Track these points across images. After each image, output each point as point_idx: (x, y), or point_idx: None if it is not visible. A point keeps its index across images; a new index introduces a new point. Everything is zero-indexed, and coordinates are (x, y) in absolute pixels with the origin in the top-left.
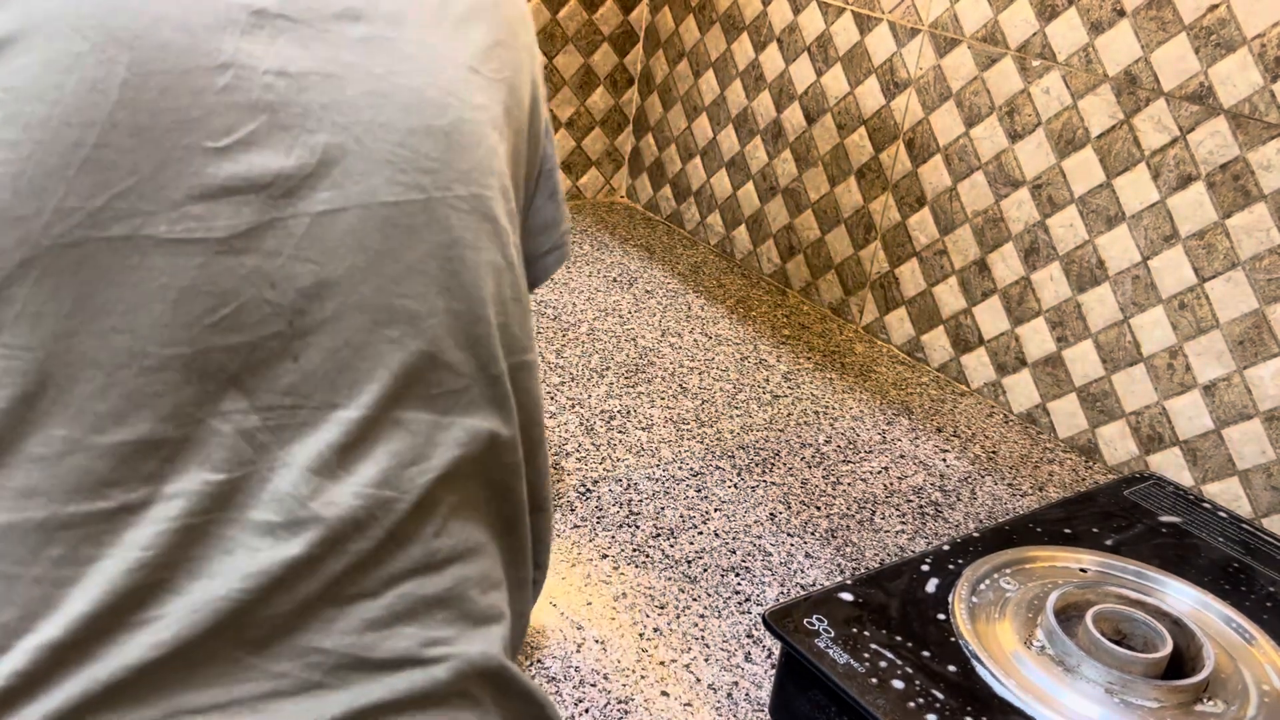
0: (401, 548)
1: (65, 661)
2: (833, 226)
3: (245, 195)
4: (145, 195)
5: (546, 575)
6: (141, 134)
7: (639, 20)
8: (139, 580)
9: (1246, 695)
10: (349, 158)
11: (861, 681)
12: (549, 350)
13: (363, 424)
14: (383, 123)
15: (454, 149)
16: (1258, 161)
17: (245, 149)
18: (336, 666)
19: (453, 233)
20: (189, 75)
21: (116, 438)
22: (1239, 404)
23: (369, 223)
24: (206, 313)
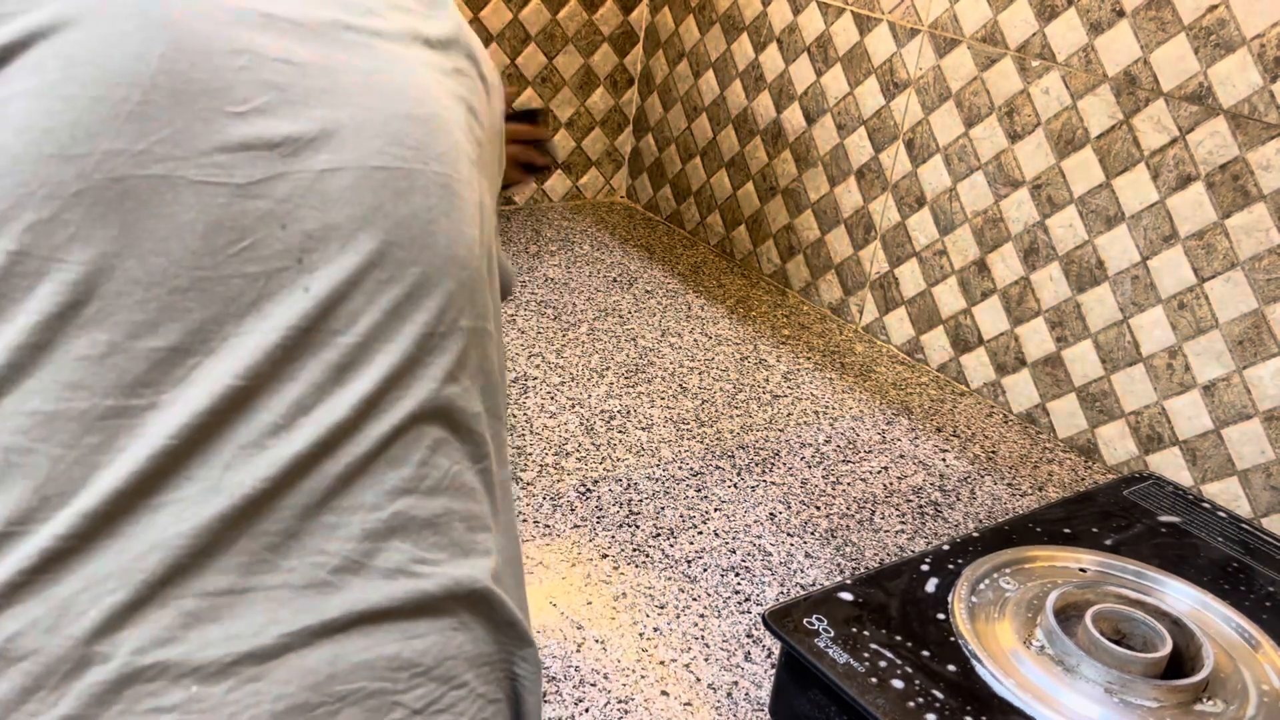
0: (392, 466)
1: (99, 532)
2: (833, 226)
3: (260, 151)
4: (179, 144)
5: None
6: (176, 96)
7: (639, 20)
8: (162, 465)
9: (1246, 695)
10: (344, 130)
11: (861, 681)
12: (549, 350)
13: (357, 349)
14: (371, 106)
15: (430, 134)
16: (1257, 161)
17: (259, 115)
18: (338, 569)
19: (429, 199)
20: (213, 55)
21: (151, 344)
22: (1238, 404)
23: (363, 182)
24: (229, 244)
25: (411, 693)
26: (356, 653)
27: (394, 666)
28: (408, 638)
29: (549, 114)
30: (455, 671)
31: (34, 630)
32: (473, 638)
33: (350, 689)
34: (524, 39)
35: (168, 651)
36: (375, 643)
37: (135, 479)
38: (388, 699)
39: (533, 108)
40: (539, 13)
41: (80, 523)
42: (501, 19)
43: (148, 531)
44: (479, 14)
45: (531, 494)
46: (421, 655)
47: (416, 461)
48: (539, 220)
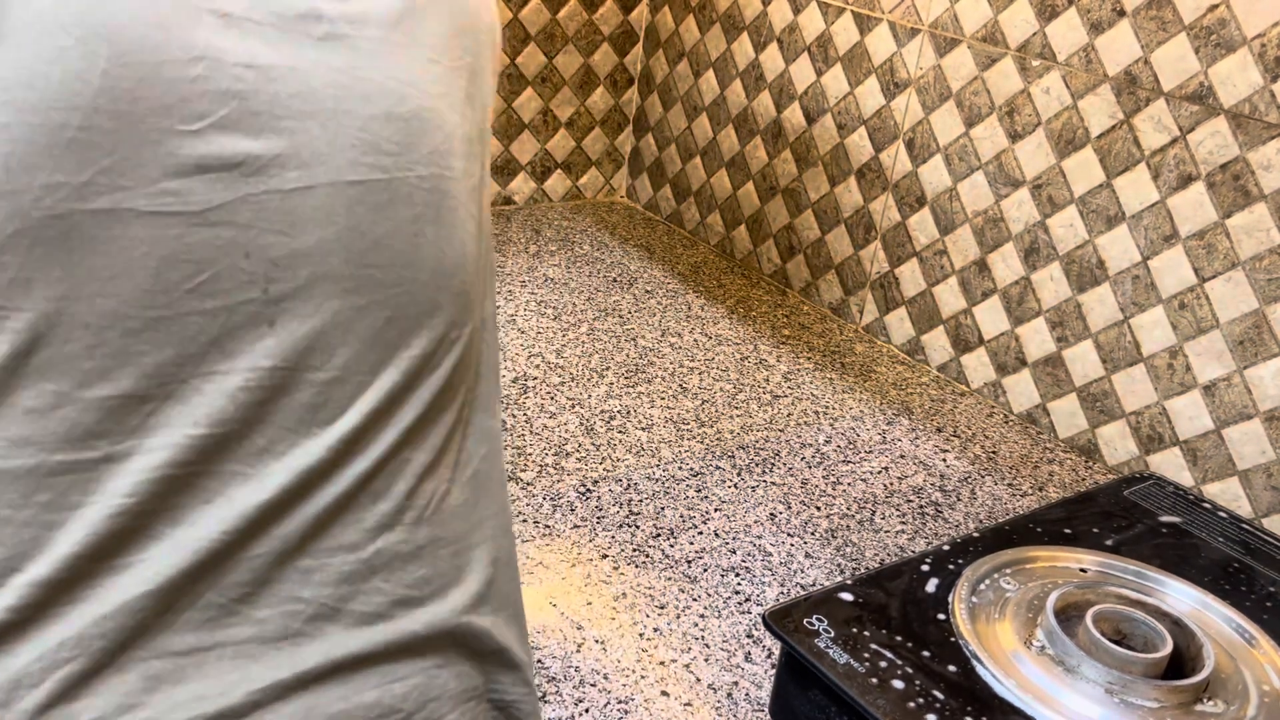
0: (374, 501)
1: (54, 600)
2: (833, 226)
3: (218, 173)
4: (125, 172)
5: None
6: (121, 118)
7: (639, 20)
8: (121, 525)
9: (1246, 695)
10: (315, 142)
11: (861, 681)
12: (549, 350)
13: (333, 385)
14: (345, 110)
15: (413, 134)
16: (1258, 161)
17: (217, 132)
18: (314, 616)
19: (414, 209)
20: (164, 66)
21: (103, 392)
22: (1239, 404)
23: (336, 200)
24: (185, 279)
25: None
26: (332, 703)
27: (373, 715)
28: (388, 682)
29: None
30: (439, 713)
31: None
32: (456, 674)
33: None
34: (524, 39)
35: (131, 717)
36: (352, 691)
37: (92, 541)
38: None
39: None
40: (539, 13)
41: (33, 592)
42: (501, 19)
43: (108, 594)
44: None
45: (531, 494)
46: (402, 700)
47: (401, 493)
48: (539, 220)
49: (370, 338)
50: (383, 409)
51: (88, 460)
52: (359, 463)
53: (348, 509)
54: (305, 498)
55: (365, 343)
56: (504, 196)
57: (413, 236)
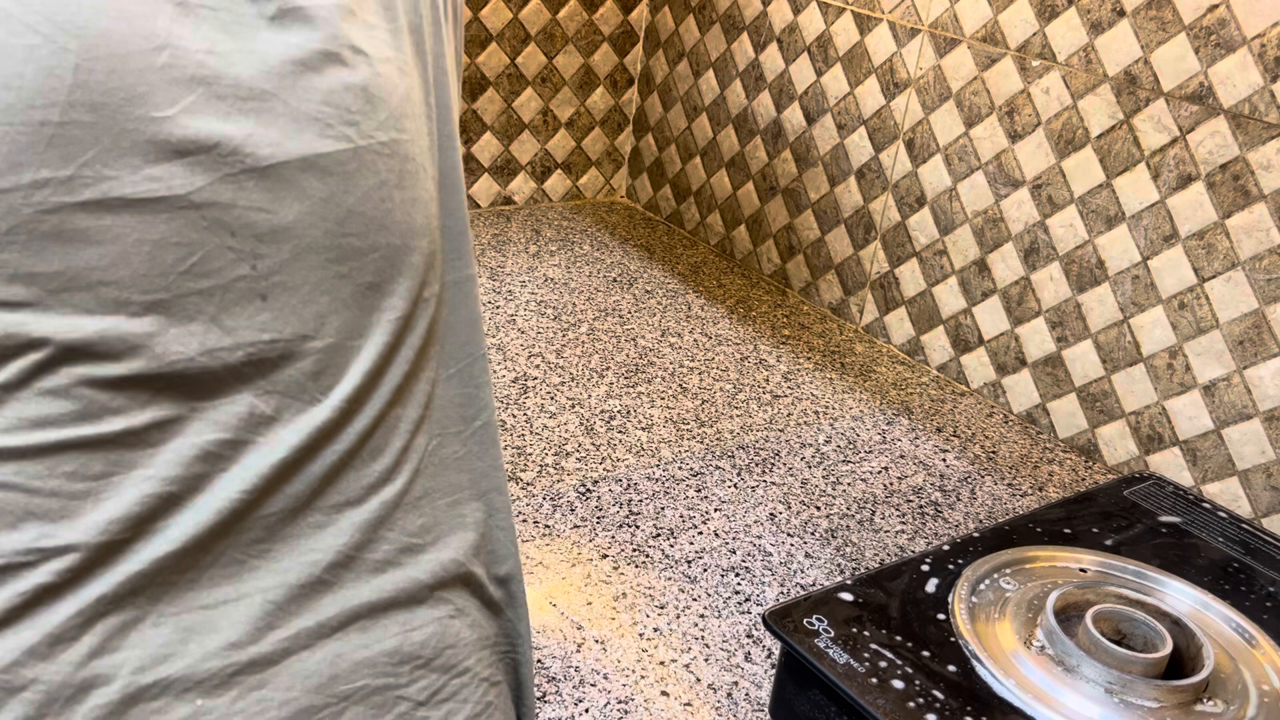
0: (373, 458)
1: (90, 563)
2: (833, 226)
3: (196, 156)
4: (109, 162)
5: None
6: (97, 110)
7: (639, 20)
8: (148, 496)
9: (1246, 695)
10: (281, 119)
11: (861, 681)
12: (549, 350)
13: (329, 351)
14: (304, 86)
15: (371, 101)
16: (1258, 161)
17: (189, 117)
18: (332, 565)
19: (379, 175)
20: (131, 57)
21: (113, 373)
22: (1239, 404)
23: (308, 173)
24: (178, 261)
25: (414, 685)
26: (356, 650)
27: (395, 661)
28: (406, 630)
29: None
30: (456, 659)
31: (30, 659)
32: (470, 622)
33: (353, 688)
34: (524, 39)
35: (169, 668)
36: (374, 639)
37: (121, 510)
38: (391, 694)
39: None
40: (539, 13)
41: (70, 557)
42: (501, 19)
43: (139, 555)
44: (479, 14)
45: (531, 494)
46: (421, 647)
47: (397, 449)
48: (539, 220)
49: (355, 303)
50: (375, 370)
51: (106, 435)
52: (358, 421)
53: (350, 466)
54: (312, 458)
55: (351, 308)
56: (504, 196)
57: (380, 202)
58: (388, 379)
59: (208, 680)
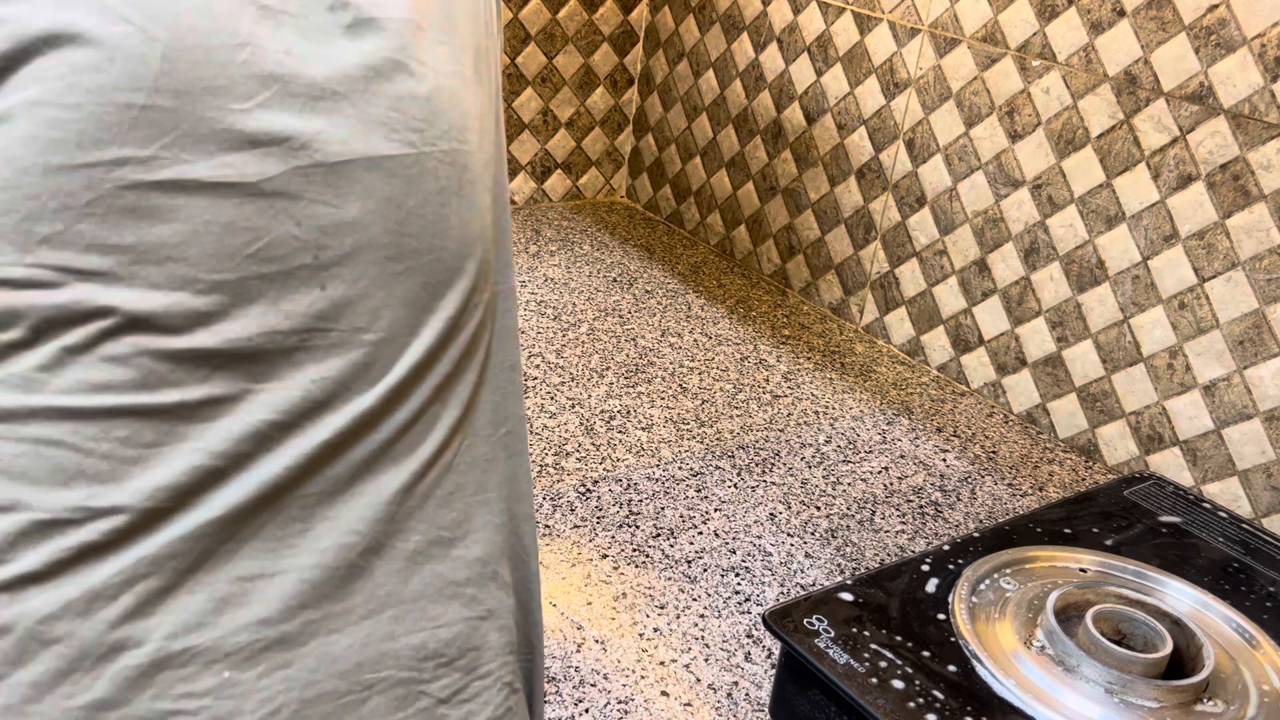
0: (411, 450)
1: (135, 527)
2: (833, 226)
3: (268, 148)
4: (186, 146)
5: None
6: (180, 97)
7: (639, 20)
8: (195, 468)
9: (1246, 695)
10: (350, 120)
11: (861, 681)
12: (549, 350)
13: (381, 345)
14: (374, 91)
15: (434, 111)
16: (1258, 161)
17: (264, 111)
18: (366, 550)
19: (440, 181)
20: (214, 51)
21: (174, 345)
22: (1239, 404)
23: (373, 173)
24: (245, 245)
25: (437, 682)
26: (383, 640)
27: (420, 656)
28: (435, 626)
29: None
30: (480, 662)
31: (67, 614)
32: (499, 626)
33: (378, 677)
34: (524, 39)
35: (199, 637)
36: (401, 630)
37: (168, 476)
38: (414, 688)
39: None
40: (539, 13)
41: (117, 517)
42: (501, 19)
43: (182, 521)
44: None
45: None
46: (446, 645)
47: (435, 444)
48: (539, 220)
49: (409, 301)
50: (421, 366)
51: (161, 406)
52: (399, 414)
53: (389, 456)
54: (354, 443)
55: (405, 306)
56: None
57: (439, 208)
58: (431, 377)
59: (236, 653)
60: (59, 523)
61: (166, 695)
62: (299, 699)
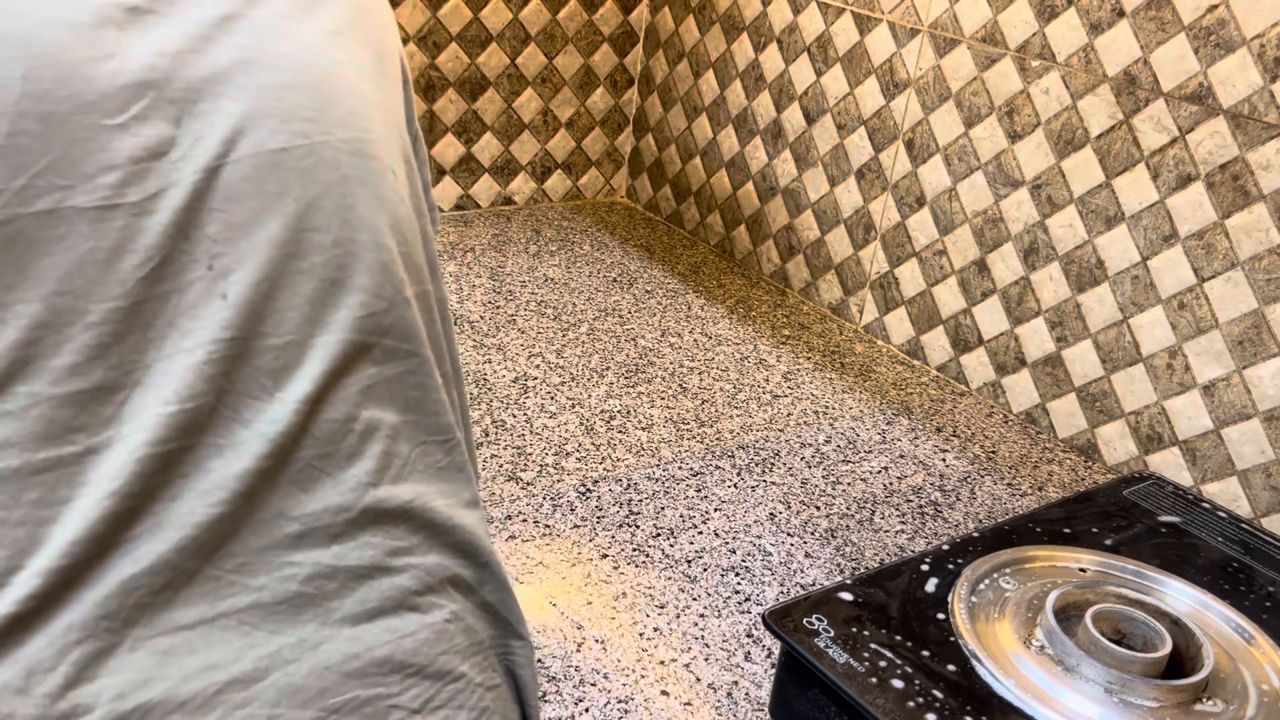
0: (351, 462)
1: (58, 590)
2: (832, 226)
3: (147, 163)
4: (61, 172)
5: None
6: (47, 119)
7: (639, 20)
8: (111, 510)
9: (1246, 694)
10: (232, 118)
11: (861, 681)
12: (549, 350)
13: (289, 348)
14: (257, 84)
15: (327, 100)
16: (1257, 161)
17: (140, 123)
18: (311, 577)
19: (341, 170)
20: (80, 65)
21: (74, 387)
22: (1238, 404)
23: (262, 170)
24: (135, 268)
25: (406, 694)
26: (345, 662)
27: (385, 670)
28: (398, 638)
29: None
30: (450, 666)
31: (5, 693)
32: (464, 628)
33: (343, 700)
34: (524, 39)
35: (149, 692)
36: (363, 648)
37: (86, 530)
38: (383, 704)
39: None
40: (539, 13)
41: (38, 584)
42: (501, 19)
43: (108, 577)
44: (479, 14)
45: (531, 494)
46: (413, 655)
47: (378, 453)
48: (539, 220)
49: (317, 299)
50: (338, 368)
51: (70, 455)
52: (324, 423)
53: (325, 470)
54: (282, 464)
55: (311, 302)
56: (504, 197)
57: (343, 197)
58: (353, 378)
59: (190, 701)
60: None
61: None
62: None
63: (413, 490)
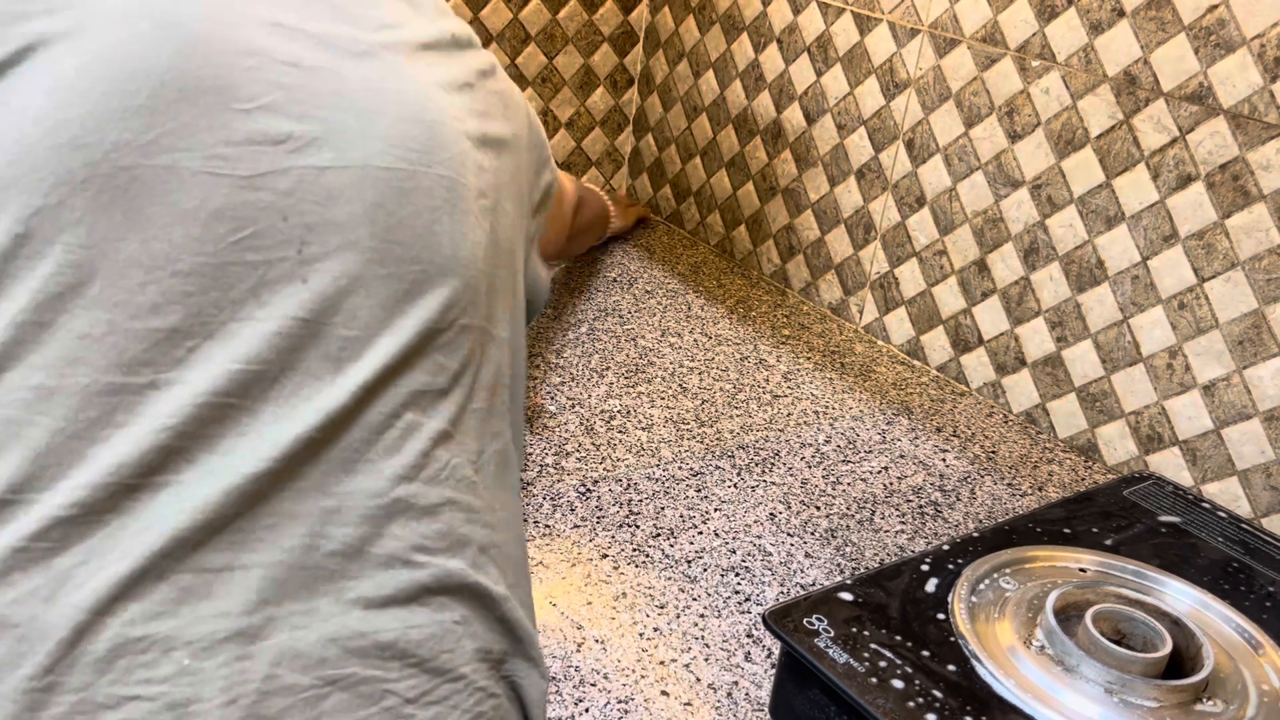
0: (390, 454)
1: (102, 508)
2: (832, 226)
3: (264, 146)
4: (184, 137)
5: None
6: (184, 93)
7: (639, 20)
8: (163, 443)
9: (1246, 695)
10: (348, 131)
11: (861, 681)
12: (549, 350)
13: (356, 342)
14: (376, 109)
15: (434, 139)
16: (1257, 161)
17: (265, 112)
18: (335, 553)
19: (433, 200)
20: (222, 55)
21: (151, 324)
22: (1239, 404)
23: (365, 181)
24: (230, 232)
25: (404, 682)
26: (350, 639)
27: (387, 655)
28: (406, 627)
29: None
30: (452, 664)
31: (32, 599)
32: (473, 633)
33: (341, 674)
34: (524, 39)
35: (159, 625)
36: (370, 629)
37: (136, 457)
38: (379, 686)
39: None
40: (539, 13)
41: (82, 494)
42: (501, 19)
43: (148, 509)
44: (479, 14)
45: (531, 494)
46: (417, 646)
47: (417, 452)
48: None
49: (389, 301)
50: (395, 365)
51: (135, 384)
52: (376, 411)
53: (367, 456)
54: (330, 441)
55: (384, 305)
56: None
57: (430, 224)
58: (406, 379)
59: (195, 643)
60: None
61: (125, 681)
62: (257, 690)
63: (442, 494)
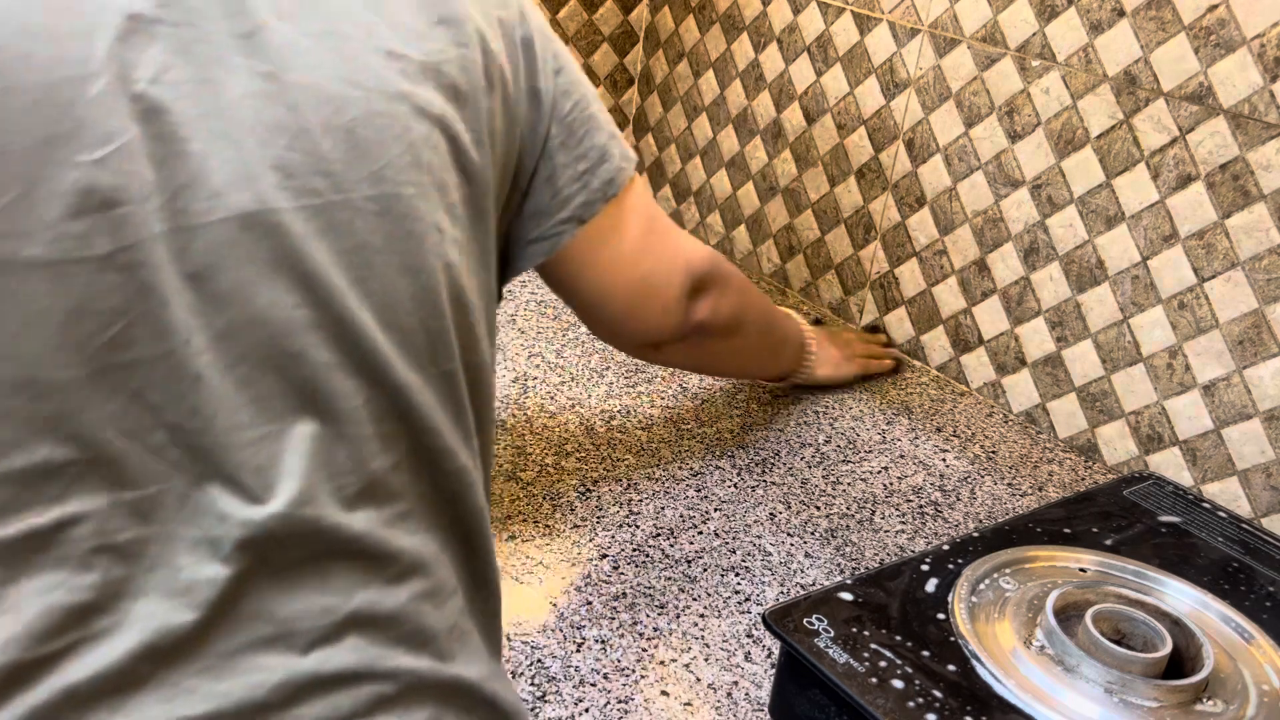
0: (337, 561)
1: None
2: (833, 226)
3: (125, 208)
4: (17, 218)
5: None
6: (7, 155)
7: (639, 20)
8: (60, 602)
9: (1246, 695)
10: (227, 165)
11: (861, 681)
12: (549, 350)
13: (272, 439)
14: (267, 125)
15: (358, 147)
16: (1257, 161)
17: (121, 160)
18: (281, 684)
19: (357, 237)
20: (56, 88)
21: (15, 464)
22: (1239, 404)
23: (255, 231)
24: (98, 331)
25: None
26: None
27: None
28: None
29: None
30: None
31: None
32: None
33: None
34: None
35: None
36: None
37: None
38: None
39: (874, 324)
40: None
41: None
42: None
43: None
44: None
45: (531, 494)
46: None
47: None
48: None
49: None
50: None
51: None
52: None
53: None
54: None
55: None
56: None
57: (354, 268)
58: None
59: None
60: None
61: None
62: None
63: (407, 591)
